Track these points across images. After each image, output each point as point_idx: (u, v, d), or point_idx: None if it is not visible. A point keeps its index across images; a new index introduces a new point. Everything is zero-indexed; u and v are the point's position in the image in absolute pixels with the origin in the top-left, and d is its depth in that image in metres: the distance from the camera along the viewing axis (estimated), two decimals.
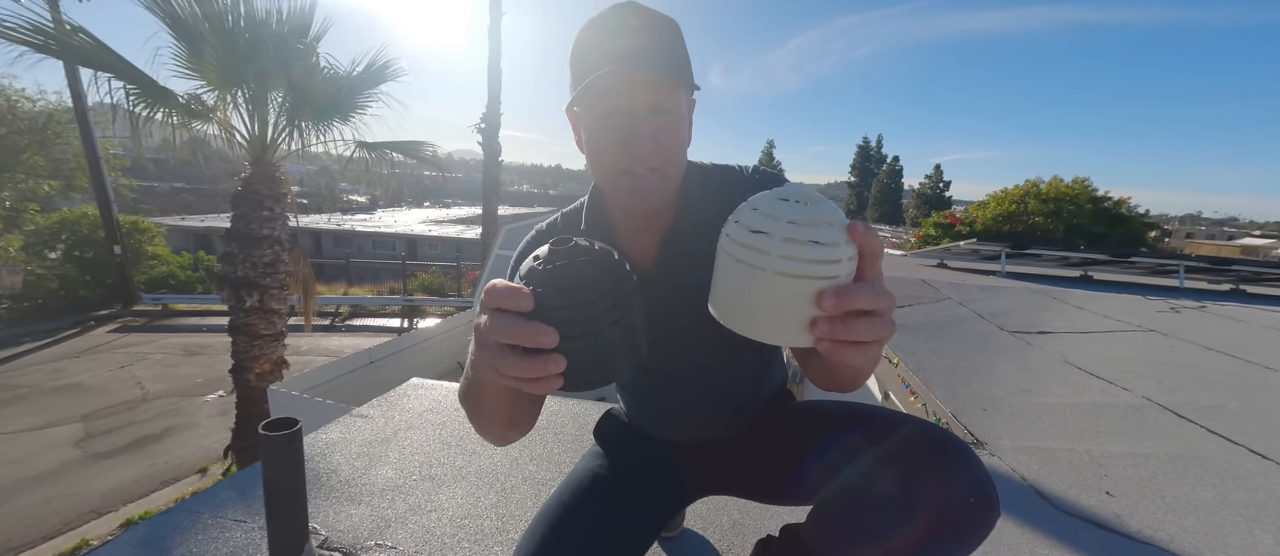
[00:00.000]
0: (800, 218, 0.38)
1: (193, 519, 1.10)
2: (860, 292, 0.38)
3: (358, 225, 26.60)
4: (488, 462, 1.41)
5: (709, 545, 1.15)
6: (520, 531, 1.14)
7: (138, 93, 4.55)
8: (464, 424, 1.64)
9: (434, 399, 1.82)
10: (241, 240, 5.13)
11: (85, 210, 12.26)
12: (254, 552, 1.02)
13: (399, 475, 1.33)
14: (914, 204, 40.79)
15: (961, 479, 0.57)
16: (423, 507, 1.20)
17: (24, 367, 8.34)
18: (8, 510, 4.96)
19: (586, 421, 1.71)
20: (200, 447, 6.22)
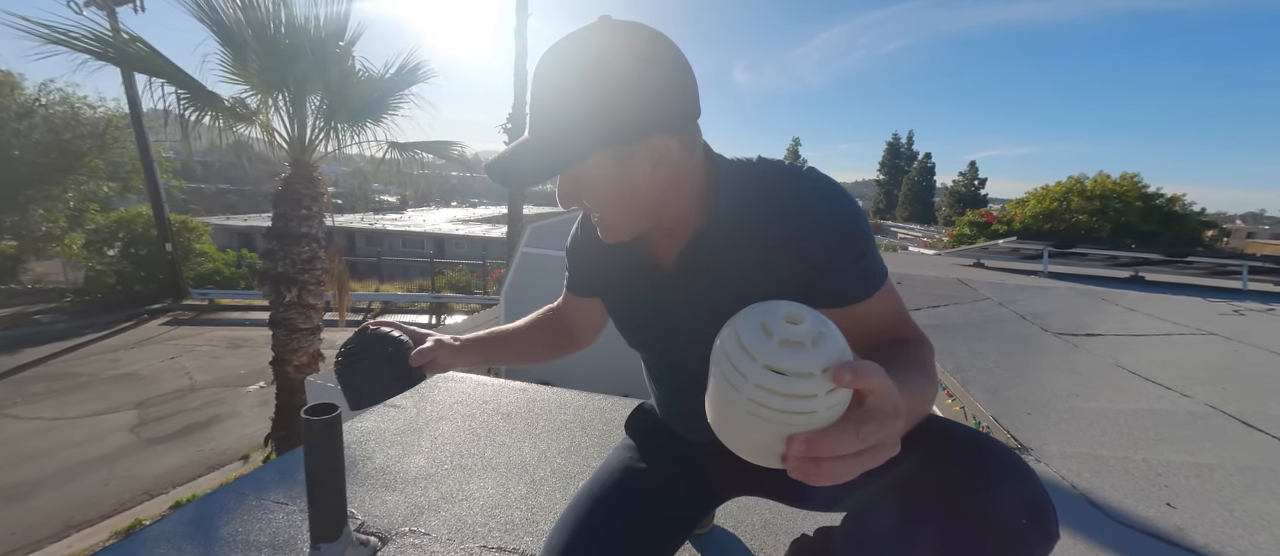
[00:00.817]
0: (781, 365, 0.36)
1: (238, 500, 1.14)
2: (834, 442, 0.37)
3: (389, 224, 27.43)
4: (516, 455, 1.42)
5: (740, 543, 1.13)
6: (550, 522, 1.14)
7: (188, 97, 4.79)
8: (493, 416, 1.66)
9: (464, 391, 1.85)
10: (281, 237, 5.35)
11: (140, 210, 13.02)
12: (295, 533, 1.05)
13: (431, 464, 1.35)
14: (947, 202, 39.41)
15: (1012, 495, 0.51)
16: (454, 496, 1.22)
17: (85, 357, 8.92)
18: (72, 489, 5.32)
19: (613, 416, 1.70)
20: (242, 436, 6.52)
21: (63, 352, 9.01)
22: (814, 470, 0.38)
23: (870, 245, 0.62)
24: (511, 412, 1.69)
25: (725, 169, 0.65)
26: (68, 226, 12.79)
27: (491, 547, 1.05)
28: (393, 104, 5.63)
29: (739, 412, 0.38)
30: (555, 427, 1.60)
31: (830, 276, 0.62)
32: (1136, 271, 5.57)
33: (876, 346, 0.63)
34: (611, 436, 1.56)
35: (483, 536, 1.08)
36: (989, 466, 0.53)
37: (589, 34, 0.56)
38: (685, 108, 0.59)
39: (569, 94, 0.56)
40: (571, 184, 0.61)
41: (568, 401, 1.79)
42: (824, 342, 0.36)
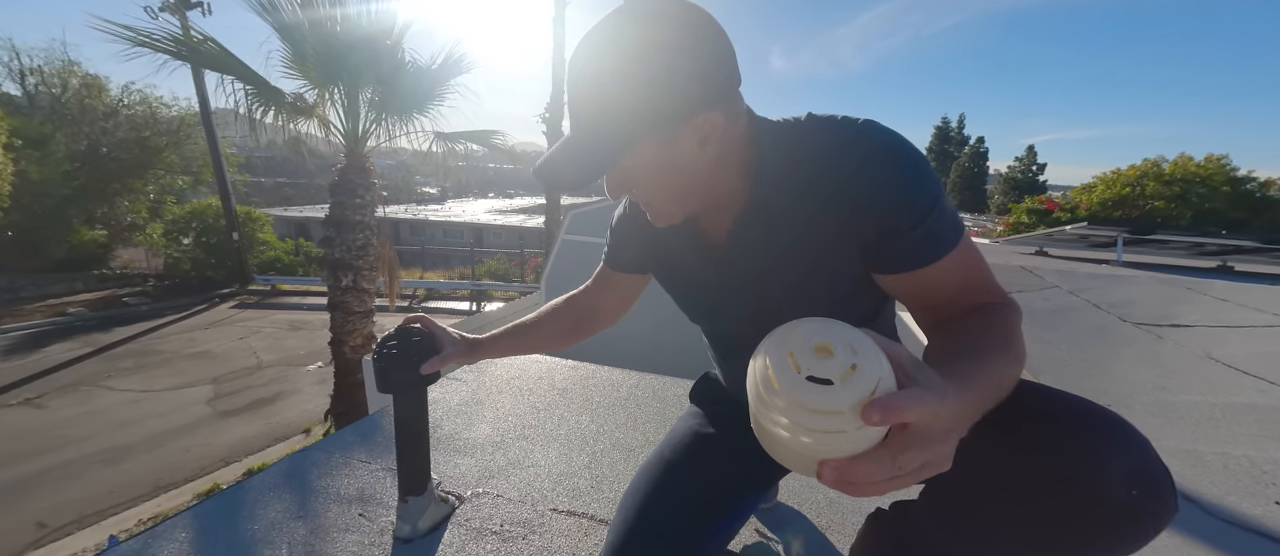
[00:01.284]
0: (806, 401, 0.35)
1: (326, 457, 1.22)
2: (866, 470, 0.36)
3: (430, 215, 28.41)
4: (576, 428, 1.45)
5: (805, 519, 1.11)
6: (613, 490, 1.16)
7: (254, 93, 5.10)
8: (549, 392, 1.70)
9: (518, 367, 1.90)
10: (338, 225, 5.64)
11: (210, 202, 14.04)
12: (379, 488, 1.11)
13: (496, 432, 1.40)
14: (1000, 189, 37.06)
15: (1120, 464, 0.46)
16: (521, 463, 1.25)
17: (166, 336, 9.76)
18: (158, 454, 5.86)
19: (665, 395, 1.71)
20: (304, 411, 6.98)
21: (147, 332, 9.89)
22: (849, 489, 0.37)
23: (935, 206, 0.55)
24: (567, 389, 1.72)
25: (771, 135, 0.61)
26: (149, 217, 13.96)
27: (561, 511, 1.08)
28: (439, 94, 5.80)
29: (769, 428, 0.38)
30: (610, 404, 1.62)
31: (889, 244, 0.57)
32: (1225, 261, 5.07)
33: (947, 316, 0.59)
34: (665, 414, 1.57)
35: (551, 500, 1.11)
36: (1093, 433, 0.48)
37: (617, 20, 0.54)
38: (725, 78, 0.56)
39: (605, 86, 0.54)
40: (619, 176, 0.60)
41: (620, 380, 1.81)
42: (855, 379, 0.35)
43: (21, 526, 4.65)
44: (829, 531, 1.07)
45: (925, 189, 0.55)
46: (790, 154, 0.60)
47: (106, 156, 13.04)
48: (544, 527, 1.02)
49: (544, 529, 1.01)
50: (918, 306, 0.63)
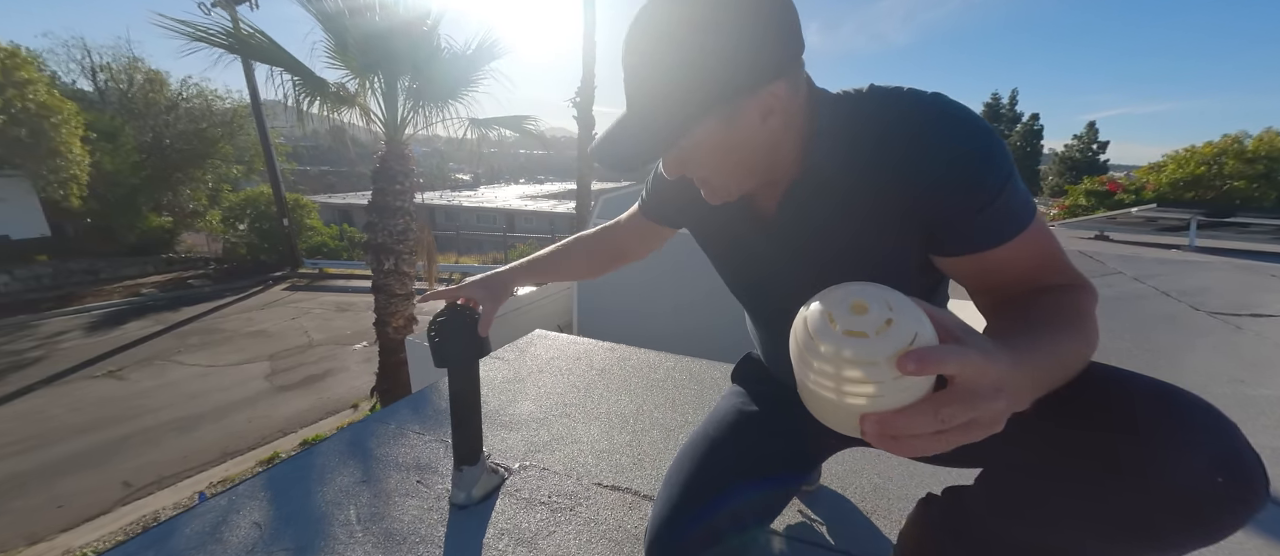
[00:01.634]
0: (844, 352, 0.35)
1: (384, 427, 1.29)
2: (907, 422, 0.35)
3: (464, 201, 29.10)
4: (615, 407, 1.47)
5: (849, 502, 1.10)
6: (656, 468, 1.18)
7: (301, 84, 5.31)
8: (587, 372, 1.73)
9: (558, 347, 1.94)
10: (380, 211, 5.86)
11: (262, 189, 14.82)
12: (434, 459, 1.17)
13: (539, 409, 1.44)
14: (1056, 169, 34.74)
15: (1204, 450, 0.42)
16: (564, 438, 1.29)
17: (227, 316, 10.47)
18: (225, 424, 6.35)
19: (702, 377, 1.71)
20: (352, 387, 7.39)
21: (210, 311, 10.63)
22: (894, 446, 0.36)
23: (1006, 187, 0.52)
24: (606, 369, 1.75)
25: (831, 106, 0.58)
26: (208, 204, 14.90)
27: (605, 485, 1.11)
28: (473, 80, 5.89)
29: (810, 388, 0.39)
30: (648, 385, 1.63)
31: (955, 225, 0.54)
32: None
33: (1014, 297, 0.56)
34: (703, 396, 1.57)
35: (595, 474, 1.14)
36: (1174, 416, 0.44)
37: (643, 29, 0.52)
38: (789, 46, 0.53)
39: (664, 63, 0.52)
40: (678, 154, 0.57)
41: (657, 363, 1.82)
42: (890, 332, 0.35)
43: (111, 485, 5.16)
44: (875, 516, 1.05)
45: (997, 166, 0.52)
46: (850, 127, 0.57)
47: (169, 148, 13.94)
48: (590, 501, 1.05)
49: (590, 502, 1.04)
50: (980, 289, 0.60)
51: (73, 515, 4.74)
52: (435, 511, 0.99)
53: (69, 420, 6.32)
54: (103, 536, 4.49)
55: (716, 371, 1.76)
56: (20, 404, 6.72)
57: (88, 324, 9.67)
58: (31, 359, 8.04)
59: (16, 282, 10.64)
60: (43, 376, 7.42)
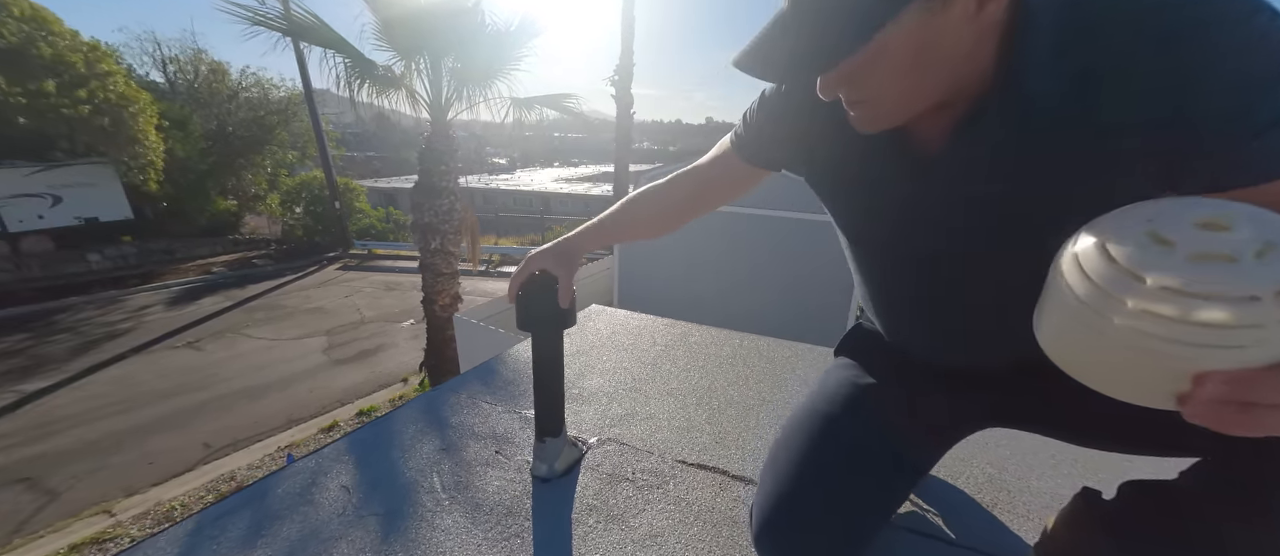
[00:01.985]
0: (1195, 285, 0.25)
1: (456, 397, 1.27)
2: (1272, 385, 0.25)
3: (501, 184, 29.62)
4: (686, 383, 1.41)
5: (963, 495, 0.99)
6: (738, 447, 1.11)
7: (351, 65, 5.43)
8: (651, 348, 1.67)
9: (617, 322, 1.88)
10: (426, 191, 5.99)
11: (315, 174, 15.54)
12: (509, 429, 1.14)
13: (608, 384, 1.39)
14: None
15: None
16: (638, 414, 1.23)
17: (287, 293, 11.12)
18: (289, 393, 6.77)
19: (772, 356, 1.62)
20: (401, 362, 7.72)
21: (273, 289, 11.33)
22: (1236, 417, 0.27)
23: None
24: (670, 346, 1.68)
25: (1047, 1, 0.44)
26: (267, 188, 15.77)
27: (689, 463, 1.04)
28: (515, 57, 5.87)
29: (1108, 344, 0.29)
30: (717, 362, 1.56)
31: (1222, 152, 0.40)
32: None
33: None
34: (776, 374, 1.48)
35: (675, 451, 1.08)
36: None
37: None
38: None
39: None
40: (859, 61, 0.44)
41: (722, 340, 1.74)
42: (1274, 258, 0.25)
43: (193, 445, 5.61)
44: (996, 509, 0.94)
45: None
46: (1069, 30, 0.43)
47: (232, 134, 14.79)
48: (675, 479, 0.99)
49: (676, 480, 0.98)
50: None
51: (162, 471, 5.19)
52: (518, 482, 0.96)
53: (156, 385, 6.91)
54: (188, 491, 4.91)
55: (786, 350, 1.66)
56: (116, 369, 7.40)
57: (168, 299, 10.51)
58: (123, 330, 8.82)
59: (107, 261, 11.67)
60: (133, 346, 8.14)
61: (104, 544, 4.24)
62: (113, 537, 4.29)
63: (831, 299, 5.62)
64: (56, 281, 10.66)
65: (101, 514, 4.61)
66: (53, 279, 10.73)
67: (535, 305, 0.81)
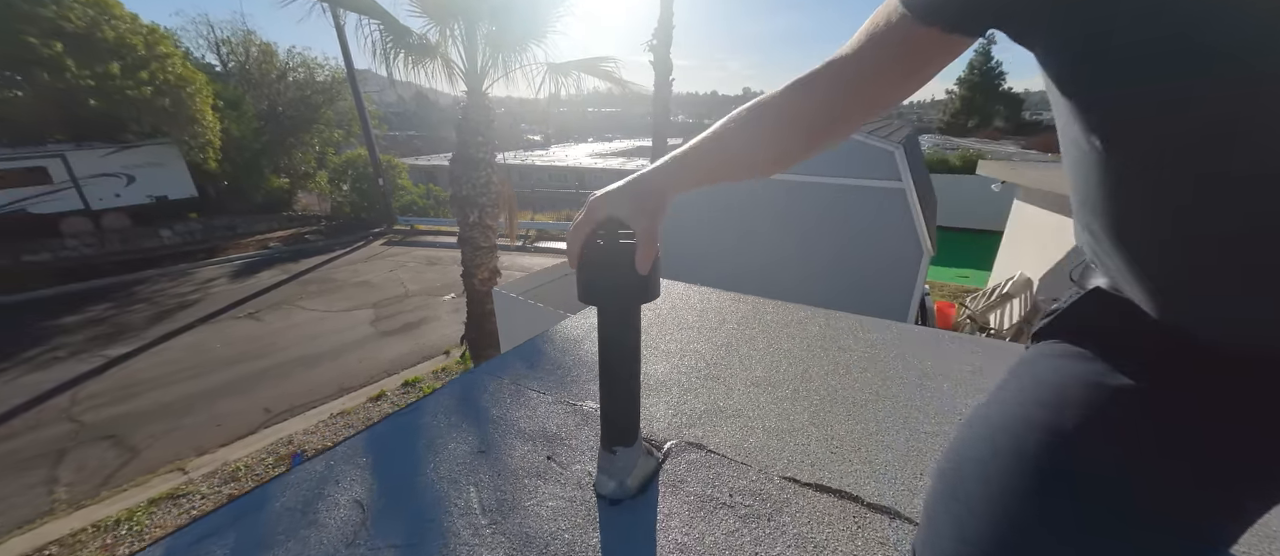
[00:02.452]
0: None
1: (496, 381, 1.06)
2: None
3: (536, 160, 29.63)
4: (774, 371, 1.14)
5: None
6: (866, 460, 0.83)
7: (386, 33, 5.29)
8: (722, 325, 1.40)
9: (676, 295, 1.62)
10: (464, 163, 5.87)
11: (359, 152, 15.92)
12: (562, 427, 0.91)
13: (678, 371, 1.14)
14: None
15: None
16: (723, 411, 0.98)
17: (336, 267, 11.53)
18: (340, 363, 7.00)
19: (870, 339, 1.32)
20: (443, 335, 7.82)
21: (324, 263, 11.78)
22: None
23: None
24: (744, 323, 1.41)
25: None
26: (316, 166, 16.32)
27: (802, 482, 0.78)
28: (551, 20, 5.56)
29: None
30: (805, 345, 1.27)
31: None
32: None
33: None
34: (878, 360, 1.18)
35: (779, 464, 0.82)
36: None
37: None
38: None
39: None
40: None
41: (805, 319, 1.44)
42: None
43: (255, 409, 5.88)
44: None
45: None
46: None
47: (282, 114, 15.30)
48: (790, 506, 0.73)
49: (790, 508, 0.73)
50: None
51: (228, 433, 5.47)
52: (579, 503, 0.73)
53: (222, 353, 7.30)
54: (251, 453, 5.14)
55: (887, 332, 1.35)
56: (187, 337, 7.88)
57: (231, 272, 11.11)
58: (193, 300, 9.40)
59: (176, 236, 12.45)
60: (201, 315, 8.65)
61: (178, 499, 4.50)
62: (185, 493, 4.54)
63: (887, 271, 5.14)
64: (134, 255, 11.48)
65: (176, 471, 4.89)
66: (131, 253, 11.56)
67: (604, 269, 0.56)
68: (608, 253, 0.54)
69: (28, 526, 4.17)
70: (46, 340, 7.67)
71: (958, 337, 1.32)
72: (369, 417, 5.67)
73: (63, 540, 4.00)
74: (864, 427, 0.93)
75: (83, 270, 10.57)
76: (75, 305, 9.03)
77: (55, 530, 4.10)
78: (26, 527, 4.16)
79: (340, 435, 5.39)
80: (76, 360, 7.03)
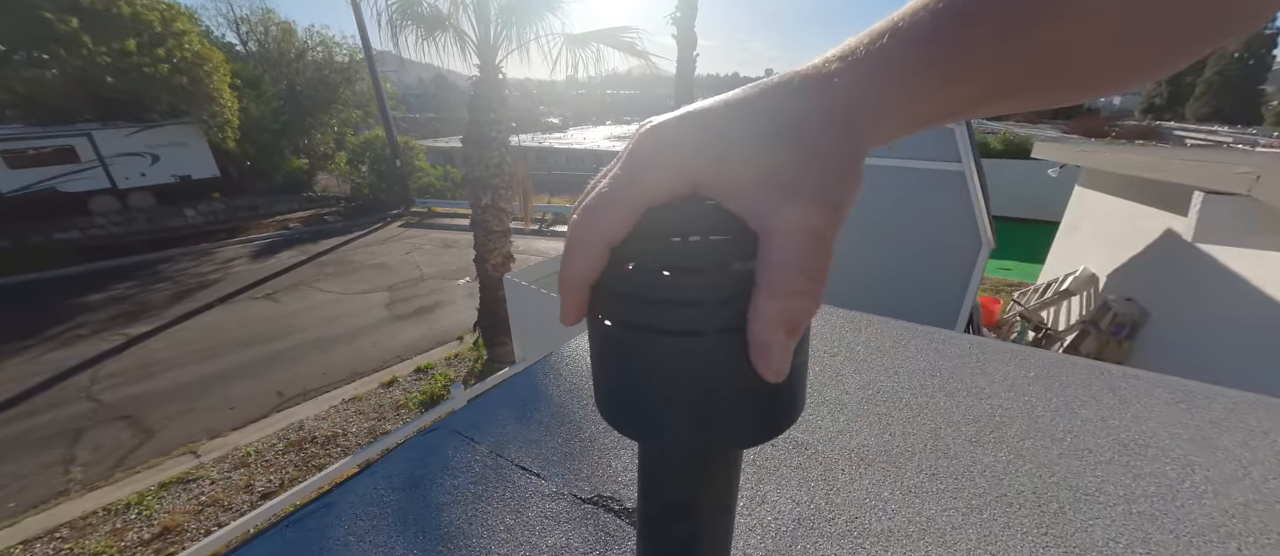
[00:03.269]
0: None
1: (465, 448, 0.77)
2: None
3: (554, 143, 29.29)
4: (899, 401, 0.82)
5: None
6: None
7: (395, 4, 5.01)
8: (833, 347, 1.08)
9: None
10: (476, 143, 5.60)
11: (378, 132, 15.84)
12: (552, 532, 0.62)
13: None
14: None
15: None
16: (874, 503, 0.67)
17: (354, 249, 11.51)
18: (354, 347, 6.91)
19: (984, 363, 0.99)
20: (457, 320, 7.68)
21: (342, 245, 11.77)
22: None
23: None
24: (852, 348, 1.09)
25: None
26: (335, 147, 16.32)
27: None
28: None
29: None
30: (943, 380, 0.95)
31: None
32: None
33: None
34: (1072, 402, 0.86)
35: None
36: None
37: None
38: None
39: None
40: None
41: (900, 336, 1.12)
42: None
43: (268, 393, 5.83)
44: None
45: None
46: None
47: (300, 94, 15.26)
48: None
49: None
50: None
51: (240, 416, 5.42)
52: None
53: (238, 334, 7.30)
54: (262, 438, 5.07)
55: (1046, 365, 1.02)
56: (206, 317, 7.92)
57: (251, 252, 11.19)
58: (213, 280, 9.47)
59: (200, 216, 12.60)
60: (220, 295, 8.69)
61: (188, 483, 4.45)
62: (195, 478, 4.49)
63: (939, 265, 4.66)
64: (159, 234, 11.65)
65: (188, 454, 4.86)
66: (156, 232, 11.73)
67: (672, 355, 0.22)
68: (683, 296, 0.22)
69: (42, 506, 4.17)
70: (71, 317, 7.79)
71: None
72: (380, 405, 5.56)
73: (73, 522, 3.98)
74: (1104, 520, 0.62)
75: (110, 248, 10.77)
76: (101, 283, 9.18)
77: (67, 512, 4.09)
78: (41, 507, 4.16)
79: (351, 422, 5.29)
80: (98, 338, 7.11)
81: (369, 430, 5.20)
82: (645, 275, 0.22)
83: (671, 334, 0.21)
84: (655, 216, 0.21)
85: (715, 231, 0.20)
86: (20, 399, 5.71)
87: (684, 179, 0.20)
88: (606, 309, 0.23)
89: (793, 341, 0.19)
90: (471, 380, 5.97)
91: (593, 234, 0.21)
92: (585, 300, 0.23)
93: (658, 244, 0.21)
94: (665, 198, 0.20)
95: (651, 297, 0.21)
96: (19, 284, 9.22)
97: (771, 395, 0.22)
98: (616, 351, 0.24)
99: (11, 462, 4.68)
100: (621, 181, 0.21)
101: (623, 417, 0.24)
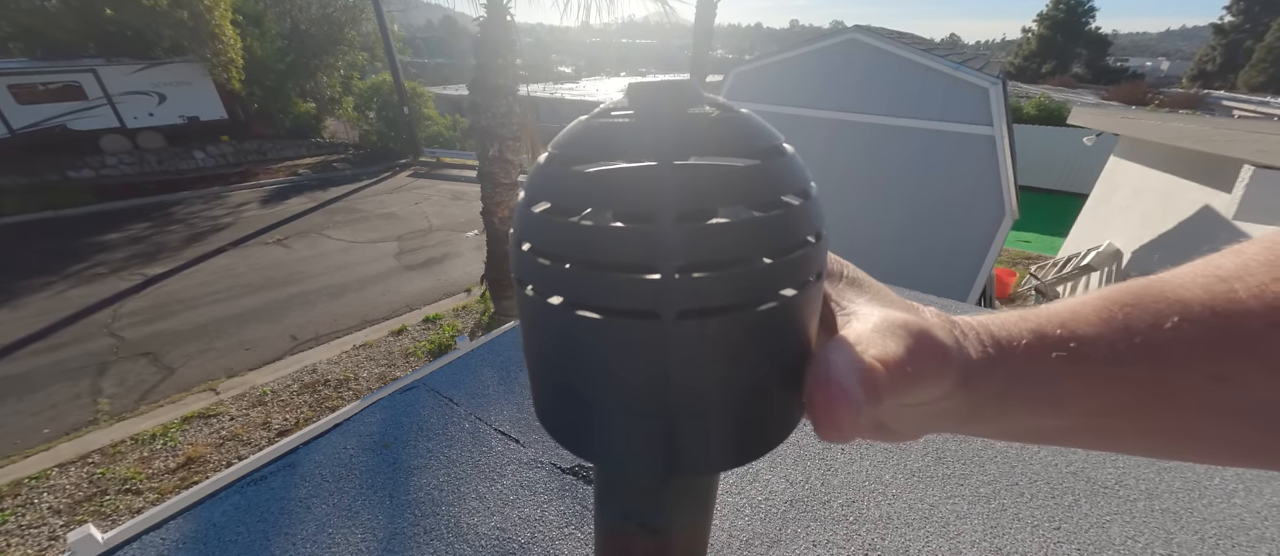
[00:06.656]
0: None
1: (443, 406, 0.74)
2: None
3: (566, 94, 28.39)
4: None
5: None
6: None
7: None
8: None
9: None
10: (483, 89, 5.39)
11: (384, 76, 15.41)
12: (528, 503, 0.58)
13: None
14: None
15: None
16: None
17: (363, 198, 11.48)
18: (364, 295, 7.01)
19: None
20: (465, 272, 7.72)
21: (351, 193, 11.74)
22: None
23: None
24: None
25: None
26: (341, 91, 15.96)
27: None
28: None
29: None
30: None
31: None
32: None
33: None
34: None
35: None
36: None
37: None
38: None
39: None
40: None
41: None
42: None
43: (281, 336, 5.98)
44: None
45: None
46: None
47: (305, 33, 14.78)
48: None
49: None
50: None
51: (256, 358, 5.59)
52: None
53: (251, 278, 7.42)
54: (277, 379, 5.24)
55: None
56: (219, 260, 8.04)
57: (262, 197, 11.22)
58: (225, 224, 9.55)
59: (210, 159, 12.57)
60: (232, 240, 8.79)
61: (209, 418, 4.65)
62: (216, 414, 4.68)
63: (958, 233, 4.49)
64: (171, 175, 11.69)
65: (207, 391, 5.05)
66: (168, 173, 11.77)
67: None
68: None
69: (75, 433, 4.40)
70: (89, 256, 7.96)
71: None
72: (390, 352, 5.69)
73: (104, 449, 4.20)
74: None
75: (123, 189, 10.85)
76: (117, 223, 9.31)
77: (98, 440, 4.31)
78: (74, 434, 4.39)
79: (362, 367, 5.43)
80: (117, 277, 7.28)
81: (379, 375, 5.34)
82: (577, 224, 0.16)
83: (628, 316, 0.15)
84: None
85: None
86: (48, 331, 5.93)
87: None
88: (536, 277, 0.17)
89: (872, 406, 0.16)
90: (478, 332, 6.06)
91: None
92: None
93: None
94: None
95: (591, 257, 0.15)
96: (39, 221, 9.39)
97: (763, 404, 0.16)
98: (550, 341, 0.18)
99: (43, 391, 4.91)
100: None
101: (567, 432, 0.18)
